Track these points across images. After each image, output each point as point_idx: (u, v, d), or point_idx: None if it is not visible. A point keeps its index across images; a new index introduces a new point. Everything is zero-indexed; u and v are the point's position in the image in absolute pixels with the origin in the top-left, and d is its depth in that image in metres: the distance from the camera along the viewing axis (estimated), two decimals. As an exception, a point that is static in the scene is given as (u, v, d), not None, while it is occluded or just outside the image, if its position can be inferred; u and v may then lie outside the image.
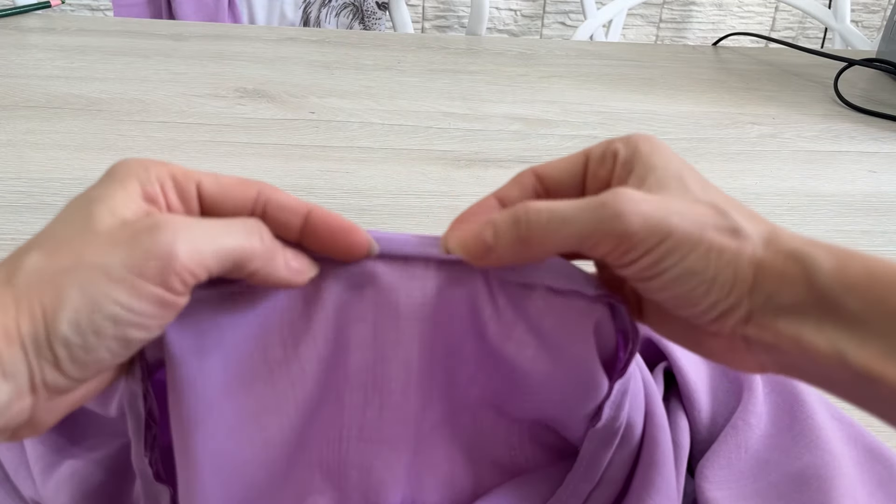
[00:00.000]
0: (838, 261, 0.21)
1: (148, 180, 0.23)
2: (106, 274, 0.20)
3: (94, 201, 0.22)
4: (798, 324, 0.22)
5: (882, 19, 1.85)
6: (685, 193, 0.24)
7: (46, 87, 0.72)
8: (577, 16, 1.77)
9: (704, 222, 0.22)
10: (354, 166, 0.61)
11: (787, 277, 0.22)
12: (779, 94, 0.84)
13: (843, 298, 0.21)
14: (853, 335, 0.21)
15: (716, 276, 0.22)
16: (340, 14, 1.38)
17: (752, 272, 0.22)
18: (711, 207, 0.23)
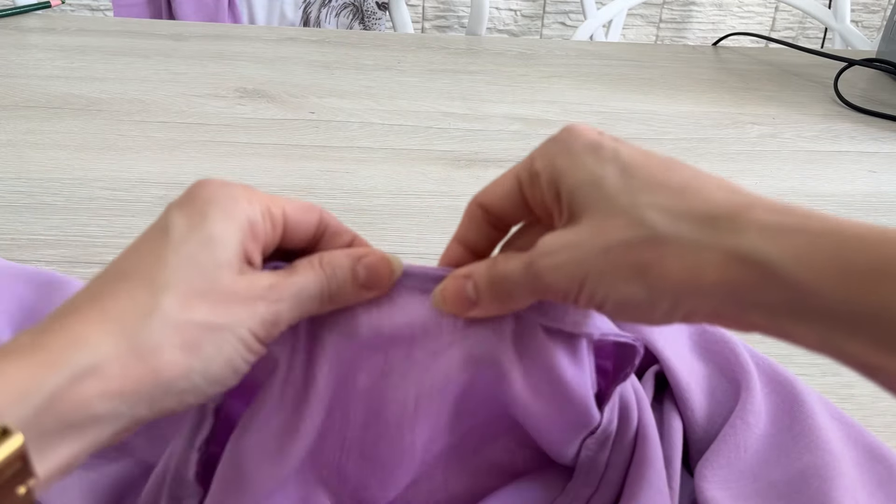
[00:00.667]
0: (801, 248, 0.20)
1: (255, 221, 0.24)
2: (235, 334, 0.23)
3: (216, 247, 0.23)
4: (775, 318, 0.20)
5: (882, 19, 1.85)
6: (604, 210, 0.23)
7: (46, 87, 0.72)
8: (577, 16, 1.77)
9: (613, 250, 0.22)
10: (354, 166, 0.61)
11: (737, 277, 0.21)
12: (779, 94, 0.84)
13: (815, 290, 0.19)
14: (839, 328, 0.19)
15: (650, 295, 0.22)
16: (340, 14, 1.38)
17: (692, 278, 0.21)
18: (626, 219, 0.22)
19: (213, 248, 0.23)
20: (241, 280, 0.23)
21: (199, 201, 0.24)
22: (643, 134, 0.71)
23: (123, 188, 0.55)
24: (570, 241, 0.24)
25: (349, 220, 0.52)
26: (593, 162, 0.24)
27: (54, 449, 0.20)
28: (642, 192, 0.23)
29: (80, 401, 0.20)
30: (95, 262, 0.46)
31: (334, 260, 0.26)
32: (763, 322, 0.21)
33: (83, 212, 0.52)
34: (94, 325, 0.21)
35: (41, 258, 0.46)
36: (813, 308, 0.19)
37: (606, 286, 0.22)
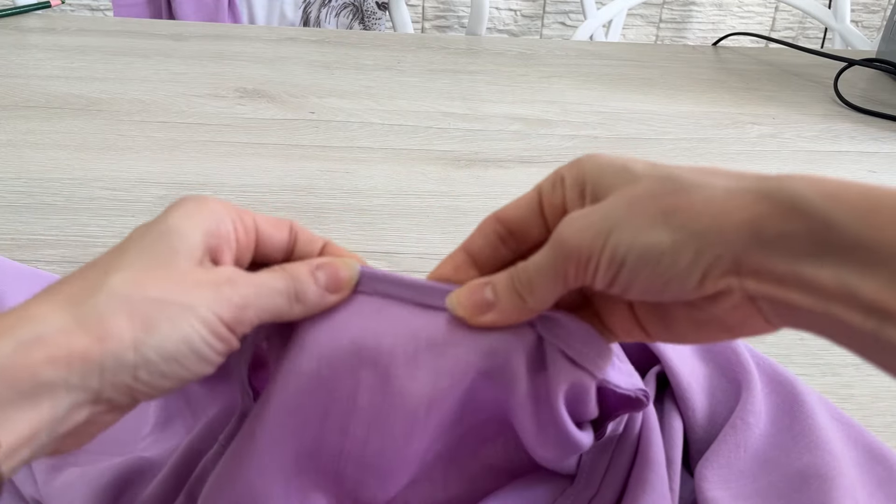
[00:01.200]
0: (831, 187, 0.20)
1: (221, 220, 0.26)
2: (195, 313, 0.23)
3: (173, 235, 0.24)
4: (795, 261, 0.20)
5: (882, 19, 1.85)
6: (630, 180, 0.24)
7: (46, 87, 0.72)
8: (577, 16, 1.77)
9: (639, 201, 0.23)
10: (354, 166, 0.61)
11: (763, 211, 0.21)
12: (779, 94, 0.84)
13: (840, 223, 0.19)
14: (859, 265, 0.19)
15: (673, 241, 0.22)
16: (340, 14, 1.38)
17: (716, 218, 0.21)
18: (652, 180, 0.23)
19: (171, 237, 0.24)
20: (200, 269, 0.24)
21: (168, 209, 0.25)
22: (643, 134, 0.71)
23: (123, 188, 0.55)
24: (594, 208, 0.24)
25: (349, 220, 0.53)
26: (626, 157, 0.25)
27: (11, 419, 0.20)
28: (671, 168, 0.23)
29: (27, 367, 0.20)
30: (95, 262, 0.46)
31: (294, 265, 0.27)
32: (783, 267, 0.20)
33: (83, 212, 0.52)
34: (44, 303, 0.22)
35: (41, 258, 0.46)
36: (837, 244, 0.19)
37: (631, 235, 0.22)
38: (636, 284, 0.23)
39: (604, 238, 0.23)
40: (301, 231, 0.29)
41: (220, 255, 0.25)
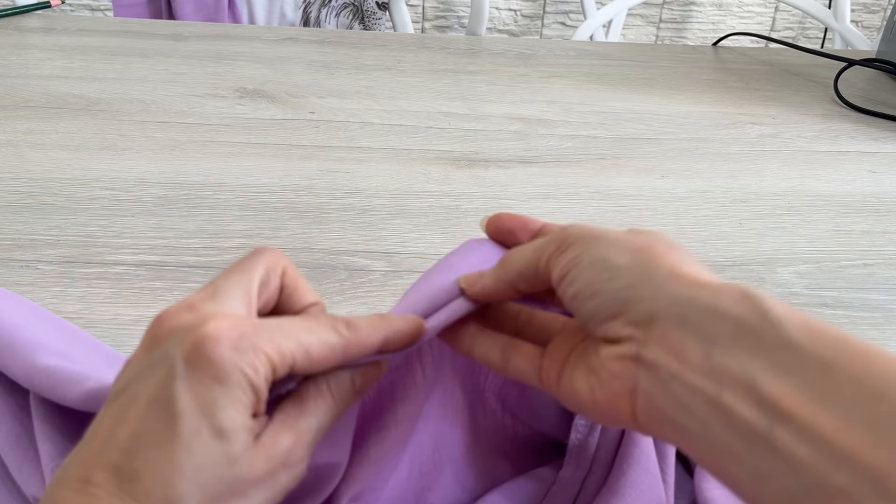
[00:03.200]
0: (793, 311, 0.20)
1: (258, 389, 0.22)
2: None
3: (225, 434, 0.21)
4: (709, 340, 0.20)
5: (882, 19, 1.85)
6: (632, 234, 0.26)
7: (46, 87, 0.72)
8: (577, 16, 1.77)
9: (636, 237, 0.25)
10: (354, 166, 0.61)
11: (715, 290, 0.21)
12: (779, 94, 0.84)
13: (782, 323, 0.19)
14: (775, 363, 0.19)
15: (624, 264, 0.23)
16: (340, 14, 1.38)
17: (670, 276, 0.22)
18: (652, 234, 0.25)
19: (226, 443, 0.21)
20: (257, 459, 0.22)
21: (208, 377, 0.21)
22: (643, 134, 0.71)
23: (123, 188, 0.55)
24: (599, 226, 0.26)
25: (349, 220, 0.53)
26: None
27: None
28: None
29: None
30: (95, 261, 0.46)
31: (340, 382, 0.25)
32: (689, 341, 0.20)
33: (83, 212, 0.52)
34: None
35: (41, 258, 0.46)
36: (765, 340, 0.19)
37: (602, 248, 0.24)
38: (573, 285, 0.24)
39: (586, 242, 0.25)
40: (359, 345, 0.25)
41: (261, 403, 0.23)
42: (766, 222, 0.56)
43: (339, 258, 0.48)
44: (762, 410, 0.18)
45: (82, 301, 0.43)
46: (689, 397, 0.20)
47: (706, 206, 0.58)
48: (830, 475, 0.17)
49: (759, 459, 0.18)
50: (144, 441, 0.21)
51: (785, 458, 0.18)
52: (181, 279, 0.45)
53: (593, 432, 0.31)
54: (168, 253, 0.48)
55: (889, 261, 0.52)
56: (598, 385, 0.23)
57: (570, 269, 0.24)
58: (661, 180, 0.62)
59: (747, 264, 0.50)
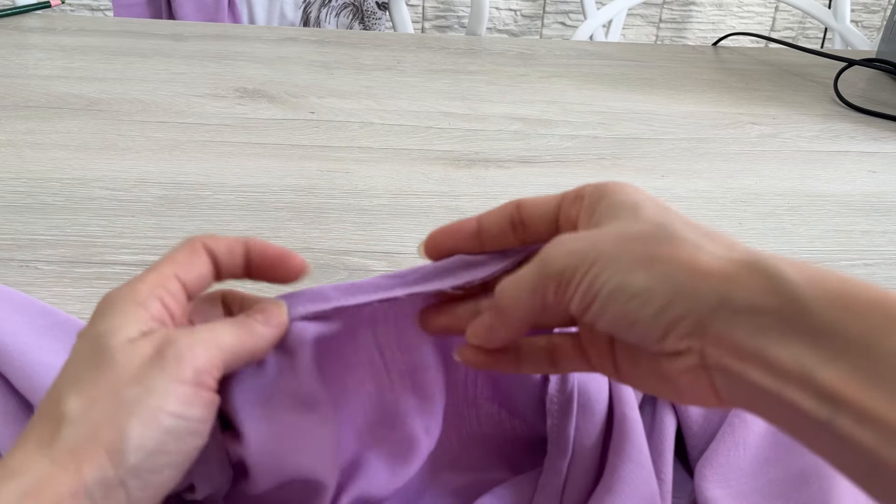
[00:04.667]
0: (810, 272, 0.21)
1: (145, 303, 0.25)
2: (152, 393, 0.22)
3: (103, 336, 0.24)
4: (758, 335, 0.20)
5: (882, 19, 1.85)
6: (632, 218, 0.24)
7: (46, 87, 0.72)
8: (577, 16, 1.77)
9: (629, 240, 0.23)
10: (354, 166, 0.61)
11: (740, 280, 0.21)
12: (779, 94, 0.84)
13: (813, 307, 0.20)
14: (821, 350, 0.19)
15: (648, 286, 0.22)
16: (340, 14, 1.38)
17: (694, 276, 0.22)
18: (651, 225, 0.24)
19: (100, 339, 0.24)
20: (140, 353, 0.23)
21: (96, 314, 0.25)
22: (643, 134, 0.71)
23: (123, 188, 0.55)
24: (585, 234, 0.25)
25: (349, 220, 0.53)
26: (643, 196, 0.26)
27: None
28: (674, 218, 0.24)
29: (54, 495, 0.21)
30: (95, 261, 0.46)
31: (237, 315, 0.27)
32: (745, 339, 0.21)
33: (83, 212, 0.52)
34: (20, 454, 0.22)
35: (41, 258, 0.46)
36: (804, 326, 0.20)
37: (611, 271, 0.23)
38: (605, 318, 0.23)
39: (587, 267, 0.23)
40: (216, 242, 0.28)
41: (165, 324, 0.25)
42: (766, 222, 0.56)
43: (339, 258, 0.48)
44: (821, 401, 0.19)
45: (82, 301, 0.43)
46: (760, 393, 0.21)
47: (706, 206, 0.58)
48: (891, 455, 0.18)
49: (828, 446, 0.19)
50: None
51: (850, 443, 0.18)
52: (181, 279, 0.45)
53: (568, 416, 0.31)
54: (168, 253, 0.48)
55: (889, 261, 0.52)
56: (676, 390, 0.24)
57: (590, 302, 0.23)
58: (661, 180, 0.62)
59: (747, 264, 0.50)
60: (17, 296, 0.40)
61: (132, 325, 0.24)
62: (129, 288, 0.25)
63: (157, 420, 0.22)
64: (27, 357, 0.33)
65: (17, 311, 0.38)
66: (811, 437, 0.20)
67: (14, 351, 0.34)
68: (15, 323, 0.36)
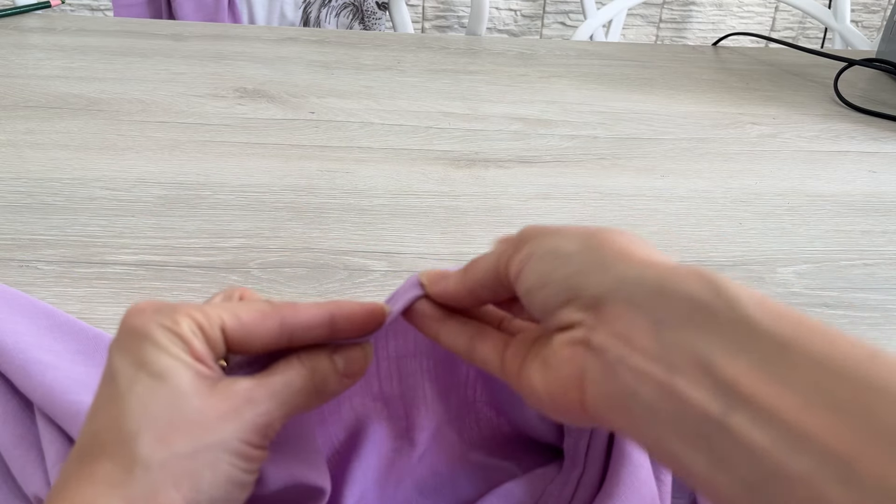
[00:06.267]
0: (741, 284, 0.19)
1: (185, 336, 0.23)
2: (227, 449, 0.22)
3: (166, 376, 0.23)
4: (658, 319, 0.19)
5: (882, 19, 1.85)
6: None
7: (46, 87, 0.72)
8: (577, 16, 1.77)
9: (574, 226, 0.24)
10: (354, 166, 0.61)
11: (661, 267, 0.20)
12: (779, 94, 0.84)
13: (738, 299, 0.18)
14: (729, 341, 0.18)
15: (574, 251, 0.23)
16: (340, 14, 1.38)
17: (617, 256, 0.22)
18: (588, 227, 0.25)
19: (166, 379, 0.23)
20: (213, 395, 0.23)
21: (134, 339, 0.23)
22: (643, 134, 0.71)
23: (123, 188, 0.55)
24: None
25: (349, 220, 0.53)
26: None
27: None
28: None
29: None
30: (95, 261, 0.46)
31: (311, 354, 0.26)
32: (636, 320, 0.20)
33: (83, 212, 0.52)
34: (89, 493, 0.21)
35: (41, 258, 0.46)
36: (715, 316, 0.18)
37: (553, 238, 0.24)
38: (529, 278, 0.24)
39: (541, 235, 0.24)
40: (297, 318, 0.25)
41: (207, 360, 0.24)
42: (766, 222, 0.56)
43: (339, 258, 0.48)
44: (717, 393, 0.17)
45: (82, 301, 0.43)
46: (638, 382, 0.19)
47: (706, 206, 0.58)
48: (790, 461, 0.16)
49: (714, 447, 0.17)
50: (98, 410, 0.23)
51: (742, 444, 0.17)
52: (181, 279, 0.45)
53: (583, 436, 0.32)
54: (168, 253, 0.48)
55: (889, 261, 0.52)
56: (550, 376, 0.22)
57: (524, 265, 0.24)
58: (661, 180, 0.62)
59: (747, 264, 0.50)
60: (18, 296, 0.40)
61: (190, 360, 0.23)
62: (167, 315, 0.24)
63: (229, 473, 0.22)
64: (27, 356, 0.33)
65: (18, 312, 0.38)
66: (694, 434, 0.18)
67: (14, 350, 0.34)
68: (15, 323, 0.36)
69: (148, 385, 0.22)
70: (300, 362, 0.25)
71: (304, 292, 0.45)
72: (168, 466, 0.21)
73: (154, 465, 0.21)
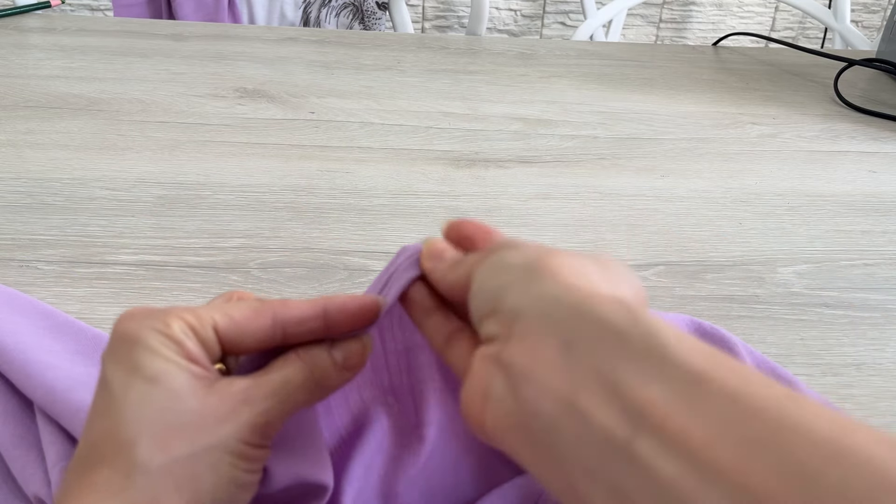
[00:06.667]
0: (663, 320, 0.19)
1: (177, 338, 0.23)
2: (227, 450, 0.22)
3: (161, 379, 0.22)
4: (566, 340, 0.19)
5: (882, 19, 1.85)
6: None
7: (46, 87, 0.72)
8: (577, 16, 1.77)
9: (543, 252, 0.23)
10: (354, 166, 0.61)
11: (584, 293, 0.20)
12: (779, 94, 0.84)
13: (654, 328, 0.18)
14: (642, 368, 0.17)
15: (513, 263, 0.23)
16: (340, 14, 1.38)
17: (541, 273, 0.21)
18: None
19: (161, 382, 0.22)
20: (210, 396, 0.23)
21: (126, 345, 0.23)
22: (643, 134, 0.71)
23: (123, 188, 0.55)
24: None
25: (349, 220, 0.53)
26: None
27: None
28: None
29: None
30: (95, 261, 0.46)
31: (310, 349, 0.25)
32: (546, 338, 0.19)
33: (83, 212, 0.52)
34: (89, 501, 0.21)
35: (41, 258, 0.46)
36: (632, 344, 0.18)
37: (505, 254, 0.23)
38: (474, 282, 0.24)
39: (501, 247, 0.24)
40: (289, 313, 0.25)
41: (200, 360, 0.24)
42: (766, 222, 0.56)
43: (339, 258, 0.48)
44: (624, 416, 0.17)
45: (82, 301, 0.43)
46: (540, 399, 0.18)
47: (706, 206, 0.58)
48: (697, 494, 0.15)
49: (617, 474, 0.16)
50: (94, 419, 0.23)
51: (647, 472, 0.16)
52: (181, 279, 0.45)
53: None
54: (168, 253, 0.48)
55: (889, 261, 0.52)
56: (465, 391, 0.22)
57: (475, 272, 0.24)
58: (661, 180, 0.62)
59: (747, 264, 0.50)
60: (17, 296, 0.40)
61: (185, 362, 0.23)
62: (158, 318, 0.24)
63: (230, 474, 0.22)
64: (27, 356, 0.33)
65: (17, 312, 0.38)
66: (596, 459, 0.17)
67: (14, 351, 0.34)
68: (15, 323, 0.36)
69: (142, 390, 0.22)
70: (298, 358, 0.25)
71: (304, 292, 0.45)
72: (168, 470, 0.21)
73: (154, 470, 0.21)
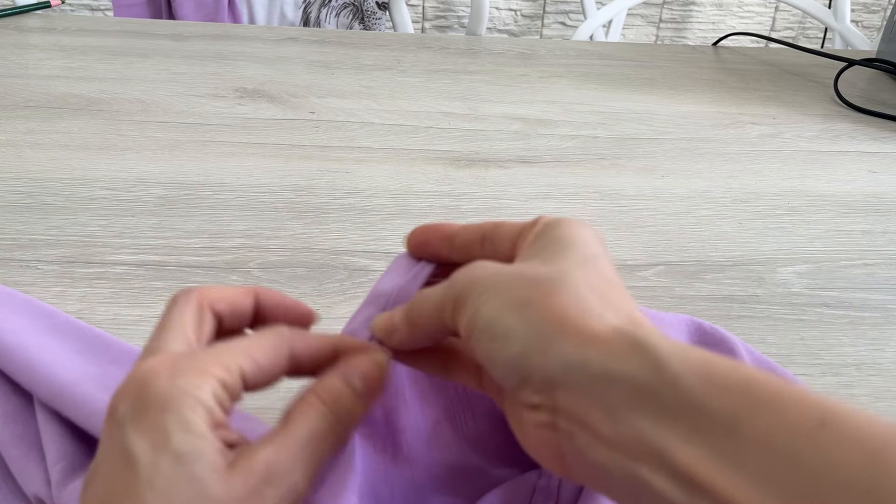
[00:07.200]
0: (680, 347, 0.19)
1: (208, 405, 0.22)
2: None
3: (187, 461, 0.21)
4: (612, 405, 0.19)
5: (882, 19, 1.85)
6: (547, 261, 0.23)
7: (46, 87, 0.72)
8: (577, 16, 1.77)
9: (525, 280, 0.23)
10: (354, 166, 0.61)
11: (605, 344, 0.20)
12: (779, 94, 0.84)
13: (678, 380, 0.18)
14: (680, 427, 0.18)
15: (512, 328, 0.22)
16: (340, 14, 1.38)
17: (558, 331, 0.21)
18: (553, 272, 0.23)
19: (187, 465, 0.21)
20: (232, 477, 0.21)
21: (154, 410, 0.21)
22: (643, 134, 0.71)
23: (123, 188, 0.55)
24: (494, 265, 0.24)
25: (349, 220, 0.53)
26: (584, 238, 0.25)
27: None
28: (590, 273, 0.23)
29: None
30: (95, 261, 0.46)
31: (329, 386, 0.24)
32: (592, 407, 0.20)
33: (83, 212, 0.52)
34: None
35: (41, 258, 0.46)
36: (666, 399, 0.19)
37: (492, 305, 0.22)
38: (477, 350, 0.23)
39: (476, 296, 0.23)
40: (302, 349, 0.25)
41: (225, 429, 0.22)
42: (766, 222, 0.56)
43: (339, 258, 0.48)
44: (677, 483, 0.18)
45: (82, 301, 0.43)
46: (609, 467, 0.19)
47: (706, 206, 0.58)
48: None
49: None
50: (112, 496, 0.21)
51: None
52: (181, 279, 0.45)
53: None
54: (168, 253, 0.48)
55: (889, 261, 0.52)
56: (530, 444, 0.23)
57: (470, 335, 0.23)
58: (661, 180, 0.62)
59: (747, 264, 0.50)
60: (18, 296, 0.40)
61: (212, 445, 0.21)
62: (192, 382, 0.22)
63: None
64: (30, 353, 0.33)
65: (18, 312, 0.38)
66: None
67: (17, 350, 0.34)
68: (15, 323, 0.36)
69: (170, 476, 0.20)
70: (319, 399, 0.24)
71: (305, 292, 0.45)
72: None
73: None
